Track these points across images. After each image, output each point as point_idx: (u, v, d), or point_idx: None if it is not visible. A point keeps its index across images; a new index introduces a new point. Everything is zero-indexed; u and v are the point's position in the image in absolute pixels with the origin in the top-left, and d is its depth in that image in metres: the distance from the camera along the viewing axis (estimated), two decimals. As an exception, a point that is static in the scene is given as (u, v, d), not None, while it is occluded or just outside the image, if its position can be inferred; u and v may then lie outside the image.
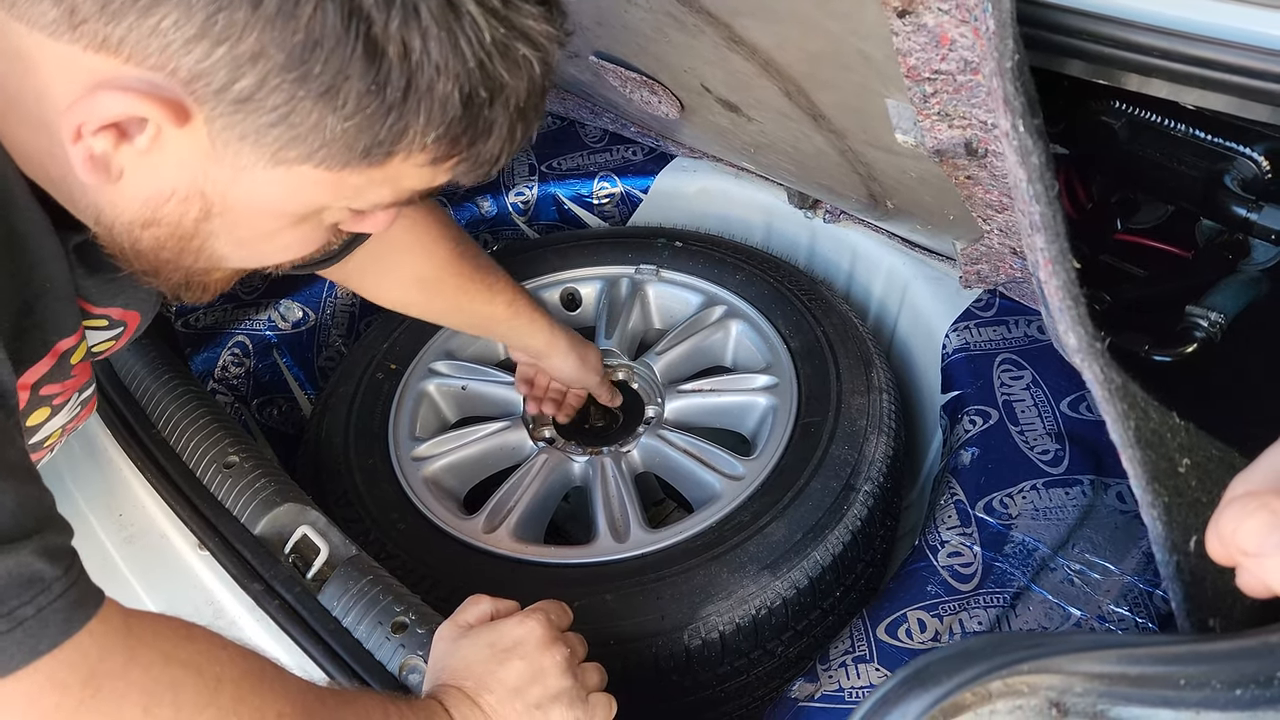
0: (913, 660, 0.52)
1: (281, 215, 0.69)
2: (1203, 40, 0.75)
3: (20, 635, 0.58)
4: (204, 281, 0.78)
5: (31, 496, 0.61)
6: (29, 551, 0.59)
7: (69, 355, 0.78)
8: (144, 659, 0.66)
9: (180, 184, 0.65)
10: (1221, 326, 1.00)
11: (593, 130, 1.95)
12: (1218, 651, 0.50)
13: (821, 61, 0.92)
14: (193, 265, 0.72)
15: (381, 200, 0.70)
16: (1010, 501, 1.20)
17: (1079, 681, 0.50)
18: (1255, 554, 0.44)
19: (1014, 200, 0.85)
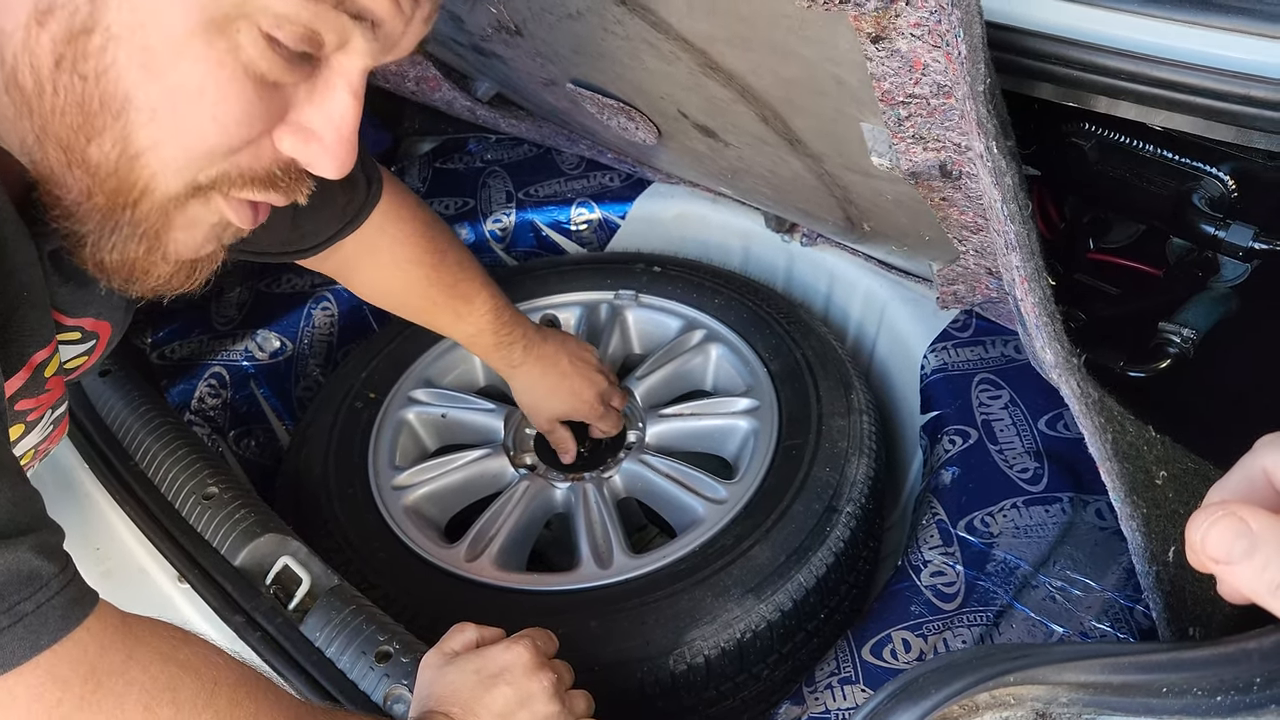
0: (901, 674, 0.52)
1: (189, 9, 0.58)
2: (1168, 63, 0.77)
3: (21, 630, 0.58)
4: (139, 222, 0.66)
5: (25, 495, 0.62)
6: (26, 548, 0.59)
7: (43, 368, 0.77)
8: (143, 657, 0.66)
9: None
10: (1194, 342, 1.02)
11: (569, 157, 1.96)
12: (1197, 659, 0.50)
13: (797, 87, 0.93)
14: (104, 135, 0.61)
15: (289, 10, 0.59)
16: (991, 520, 1.21)
17: (1064, 691, 0.50)
18: (1224, 561, 0.45)
19: (989, 220, 0.87)
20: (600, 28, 1.06)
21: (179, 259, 0.70)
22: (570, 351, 1.44)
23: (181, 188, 0.64)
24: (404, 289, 1.28)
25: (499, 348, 1.36)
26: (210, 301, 1.72)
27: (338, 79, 0.65)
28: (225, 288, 1.74)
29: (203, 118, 0.61)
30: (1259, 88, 0.76)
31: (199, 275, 0.73)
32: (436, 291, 1.28)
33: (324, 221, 1.15)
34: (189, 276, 0.73)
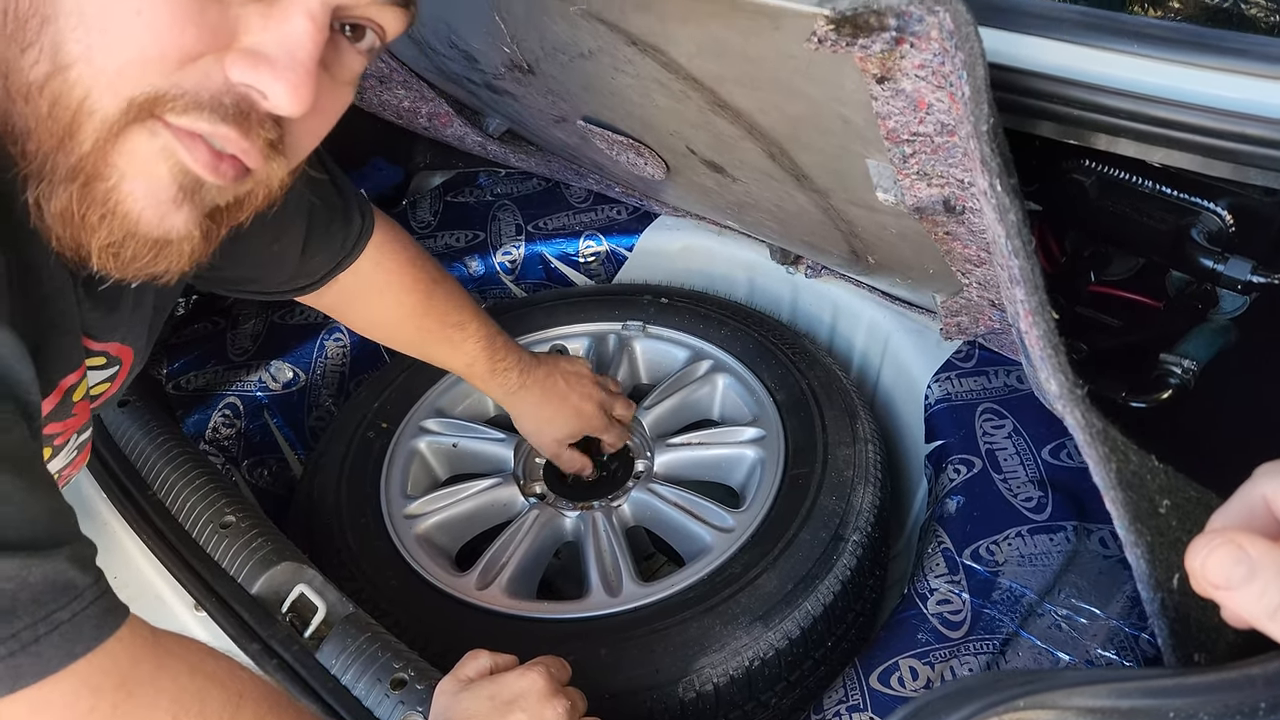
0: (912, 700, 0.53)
1: None
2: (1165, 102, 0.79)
3: (57, 639, 0.59)
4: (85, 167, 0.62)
5: (62, 509, 0.63)
6: (63, 559, 0.60)
7: (71, 393, 0.79)
8: (172, 668, 0.67)
9: None
10: (1194, 373, 1.04)
11: (577, 191, 1.99)
12: (1203, 684, 0.52)
13: (803, 124, 0.96)
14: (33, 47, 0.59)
15: None
16: (996, 548, 1.22)
17: (1072, 716, 0.52)
18: (1223, 586, 0.47)
19: (993, 255, 0.89)
20: (611, 67, 1.09)
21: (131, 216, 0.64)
22: (563, 370, 1.45)
23: (117, 107, 0.60)
24: (398, 320, 1.31)
25: (494, 375, 1.38)
26: (225, 333, 1.74)
27: (294, 4, 0.62)
28: (240, 319, 1.77)
29: (131, 18, 0.58)
30: (1254, 126, 0.78)
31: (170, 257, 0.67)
32: (430, 321, 1.31)
33: (325, 258, 1.18)
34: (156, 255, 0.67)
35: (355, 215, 1.18)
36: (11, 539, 0.57)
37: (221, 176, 0.65)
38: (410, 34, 1.40)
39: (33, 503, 0.59)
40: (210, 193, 0.67)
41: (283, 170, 0.70)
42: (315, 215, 1.12)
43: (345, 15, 0.67)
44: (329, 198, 1.14)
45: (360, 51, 0.71)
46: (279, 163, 0.69)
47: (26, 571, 0.57)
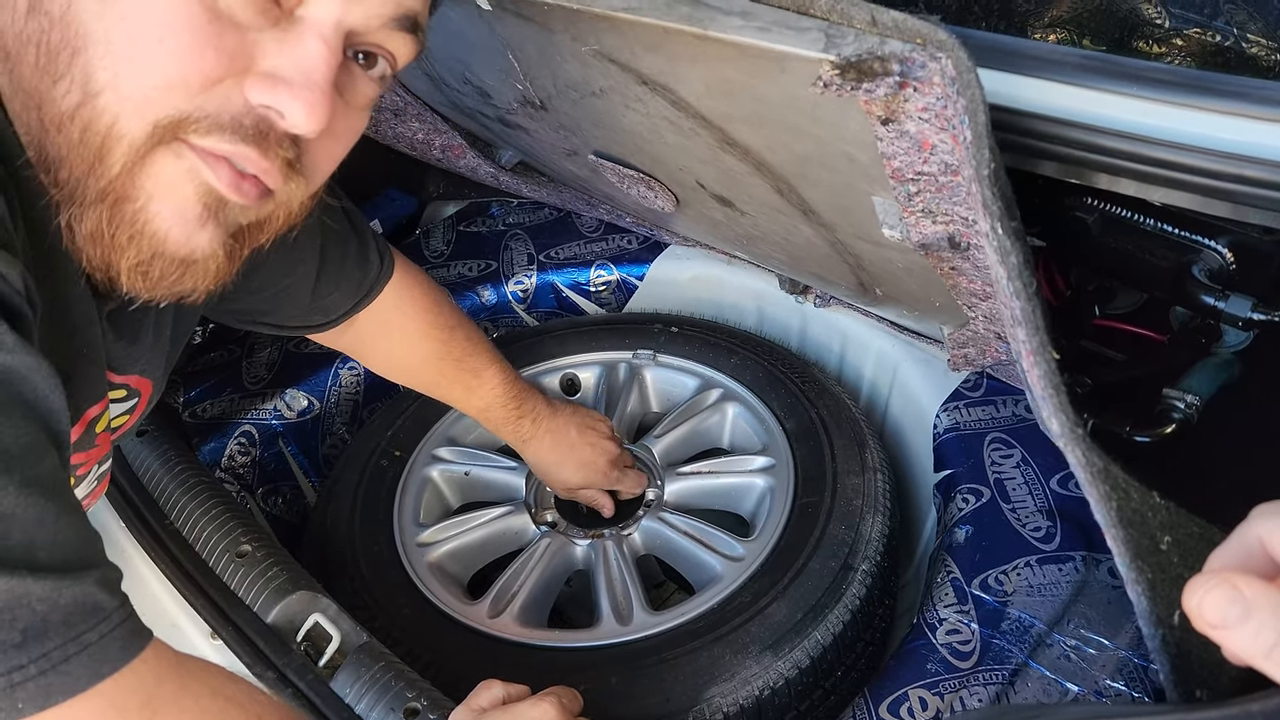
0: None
1: None
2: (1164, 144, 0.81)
3: (85, 659, 0.61)
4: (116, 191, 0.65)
5: (90, 533, 0.65)
6: (92, 582, 0.62)
7: (95, 424, 0.81)
8: (194, 690, 0.69)
9: None
10: (1197, 408, 1.05)
11: (589, 221, 2.02)
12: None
13: (810, 163, 0.98)
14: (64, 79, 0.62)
15: None
16: (1005, 578, 1.22)
17: (1074, 751, 0.53)
18: (1219, 626, 0.48)
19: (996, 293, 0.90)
20: (622, 104, 1.11)
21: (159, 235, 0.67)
22: (579, 422, 1.46)
23: (144, 130, 0.63)
24: (416, 363, 1.33)
25: (508, 422, 1.40)
26: (241, 361, 1.77)
27: (308, 29, 0.66)
28: (256, 348, 1.79)
29: (155, 45, 0.61)
30: (1252, 168, 0.80)
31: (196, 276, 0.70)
32: (447, 365, 1.33)
33: (341, 296, 1.20)
34: (182, 273, 0.69)
35: (373, 256, 1.20)
36: (43, 562, 0.59)
37: (244, 196, 0.68)
38: (425, 70, 1.43)
39: (64, 527, 0.61)
40: (234, 212, 0.69)
41: (302, 192, 0.73)
42: (328, 250, 1.14)
43: (357, 42, 0.70)
44: (342, 234, 1.16)
45: (372, 78, 0.74)
46: (298, 183, 0.71)
47: (58, 594, 0.59)
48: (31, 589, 0.58)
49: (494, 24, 1.10)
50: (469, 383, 1.35)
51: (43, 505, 0.59)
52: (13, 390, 0.59)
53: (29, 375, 0.60)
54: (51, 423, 0.62)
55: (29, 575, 0.58)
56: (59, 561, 0.60)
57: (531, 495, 1.52)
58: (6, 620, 0.57)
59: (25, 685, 0.58)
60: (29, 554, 0.58)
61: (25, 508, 0.58)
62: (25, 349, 0.59)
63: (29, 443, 0.60)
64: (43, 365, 0.61)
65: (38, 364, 0.60)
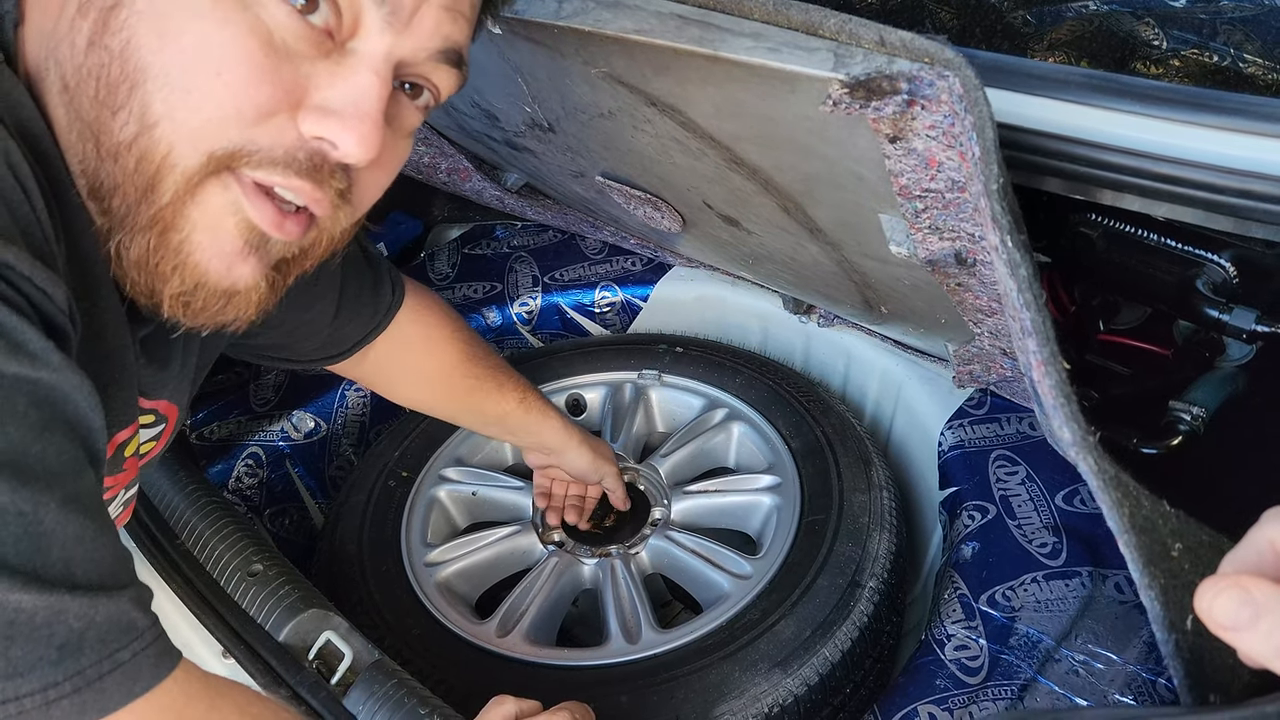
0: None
1: None
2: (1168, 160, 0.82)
3: (119, 677, 0.62)
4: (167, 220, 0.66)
5: (124, 553, 0.66)
6: (126, 600, 0.63)
7: (124, 448, 0.82)
8: (223, 709, 0.70)
9: None
10: (1203, 420, 1.06)
11: (593, 243, 2.03)
12: (1218, 721, 0.53)
13: (818, 181, 0.99)
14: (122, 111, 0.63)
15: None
16: (1013, 594, 1.23)
17: (1092, 754, 0.53)
18: (1230, 629, 0.48)
19: (1004, 307, 0.92)
20: (630, 126, 1.13)
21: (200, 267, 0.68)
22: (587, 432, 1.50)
23: (198, 161, 0.64)
24: (443, 371, 1.33)
25: (545, 419, 1.41)
26: (249, 384, 1.78)
27: (359, 61, 0.68)
28: (262, 370, 1.80)
29: (212, 78, 0.63)
30: (1254, 183, 0.81)
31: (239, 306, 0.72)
32: (476, 367, 1.34)
33: (355, 328, 1.21)
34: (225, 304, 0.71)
35: (385, 286, 1.21)
36: (80, 579, 0.60)
37: (287, 234, 0.70)
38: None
39: (100, 546, 0.62)
40: (276, 247, 0.71)
41: (348, 220, 0.75)
42: (347, 284, 1.15)
43: (405, 73, 0.72)
44: (359, 266, 1.18)
45: (417, 108, 0.77)
46: (346, 212, 0.74)
47: (94, 611, 0.60)
48: (69, 606, 0.59)
49: (504, 49, 1.12)
50: (500, 380, 1.35)
51: (81, 523, 0.60)
52: (56, 409, 0.60)
53: (72, 394, 0.61)
54: (90, 442, 0.63)
55: (66, 593, 0.58)
56: (95, 579, 0.61)
57: (539, 515, 1.52)
58: (44, 636, 0.57)
59: (60, 703, 0.58)
60: (67, 571, 0.59)
61: (65, 525, 0.59)
62: (70, 368, 0.60)
63: (69, 461, 0.60)
64: (85, 384, 0.62)
65: (80, 383, 0.61)
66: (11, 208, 0.60)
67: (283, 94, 0.65)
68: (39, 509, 0.57)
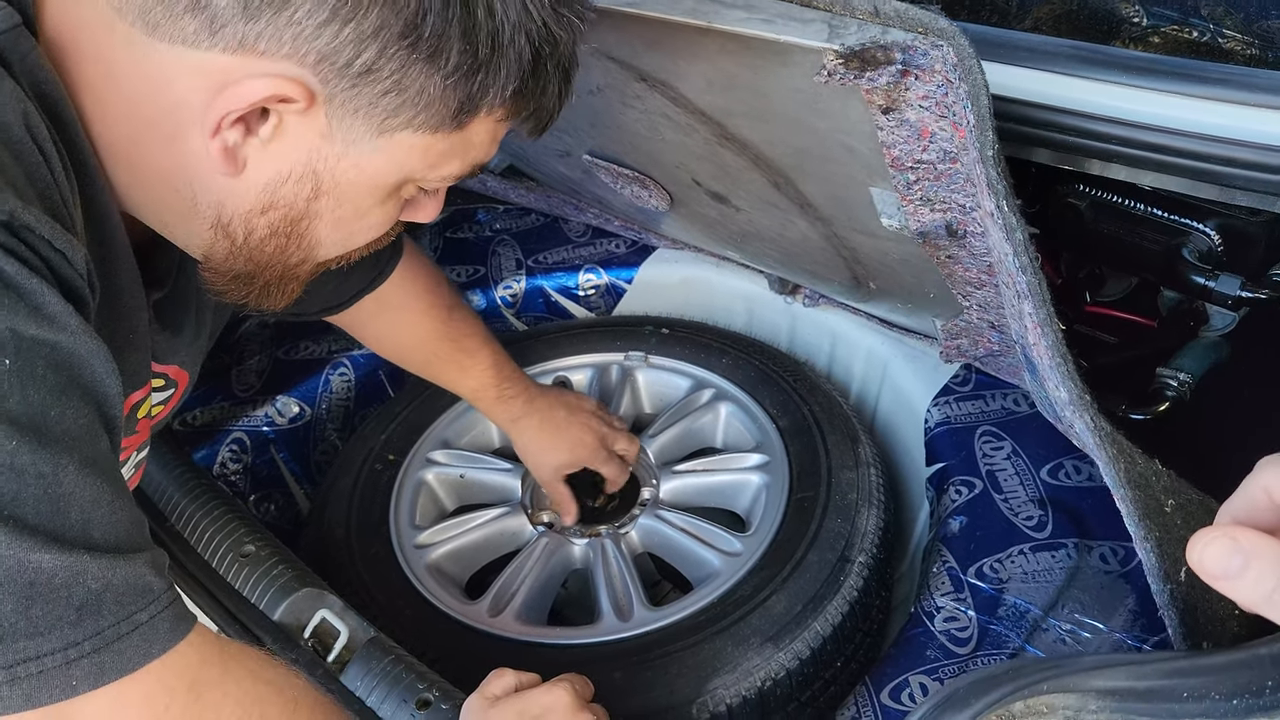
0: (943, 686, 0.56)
1: (377, 188, 0.77)
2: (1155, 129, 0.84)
3: (137, 639, 0.62)
4: (289, 279, 0.83)
5: (139, 517, 0.66)
6: (143, 563, 0.64)
7: (137, 409, 0.84)
8: (236, 672, 0.70)
9: (297, 165, 0.72)
10: (1190, 386, 1.08)
11: (576, 225, 2.03)
12: (1215, 665, 0.55)
13: (809, 155, 1.00)
14: (291, 257, 0.79)
15: (452, 171, 0.79)
16: (1000, 566, 1.25)
17: (1093, 699, 0.54)
18: (1221, 578, 0.50)
19: (999, 273, 0.93)
20: (619, 103, 1.13)
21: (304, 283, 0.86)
22: (566, 403, 1.49)
23: (329, 261, 0.84)
24: (414, 341, 1.35)
25: (500, 401, 1.42)
26: (231, 369, 1.76)
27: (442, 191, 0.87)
28: (245, 355, 1.79)
29: (367, 237, 0.83)
30: (1238, 150, 0.83)
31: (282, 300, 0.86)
32: (444, 345, 1.35)
33: (358, 278, 1.22)
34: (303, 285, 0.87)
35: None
36: (98, 541, 0.60)
37: None
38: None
39: (118, 509, 0.62)
40: None
41: None
42: None
43: None
44: None
45: None
46: None
47: (112, 573, 0.60)
48: (88, 567, 0.59)
49: (493, 25, 1.12)
50: (463, 362, 1.37)
51: (98, 486, 0.61)
52: (74, 373, 0.60)
53: (89, 359, 0.61)
54: (106, 407, 0.64)
55: (85, 554, 0.59)
56: (112, 542, 0.61)
57: (528, 496, 1.52)
58: (63, 598, 0.58)
59: (80, 662, 0.59)
60: (85, 533, 0.60)
61: (83, 487, 0.59)
62: (87, 333, 0.61)
63: (86, 424, 0.61)
64: (101, 349, 0.62)
65: (98, 348, 0.62)
66: (30, 171, 0.62)
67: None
68: (58, 471, 0.58)
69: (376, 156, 0.73)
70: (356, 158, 0.73)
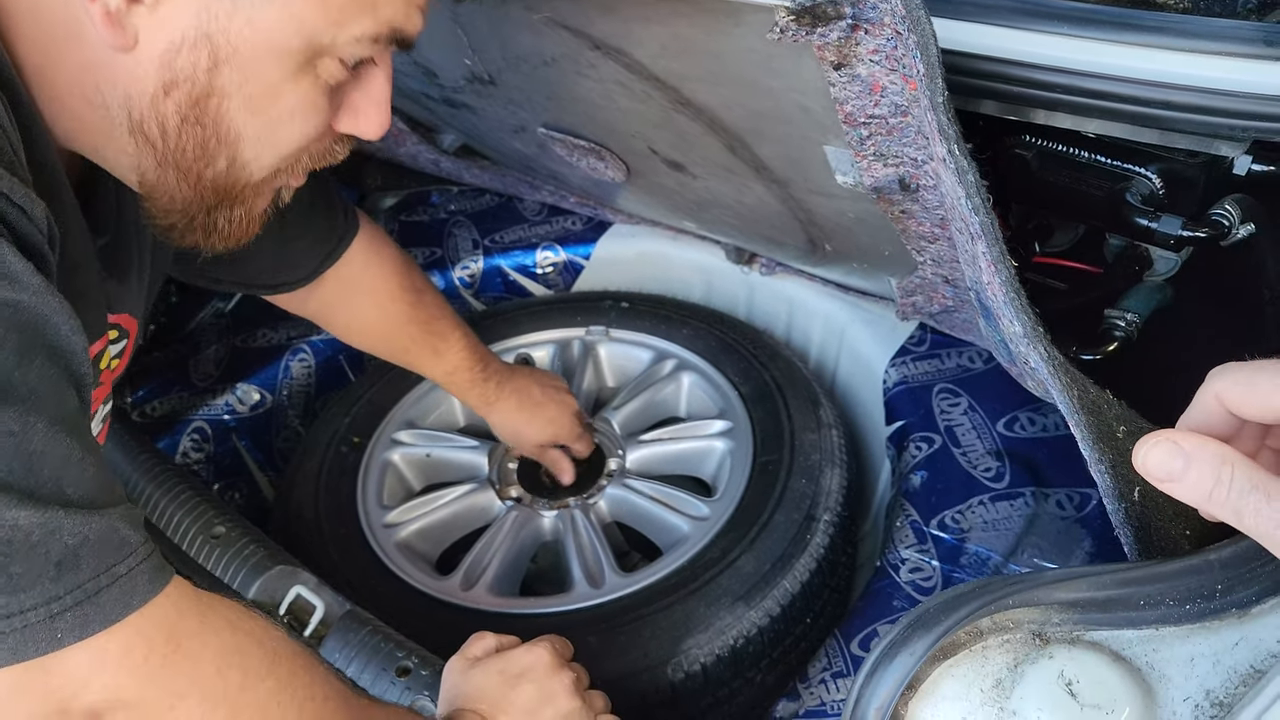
0: (914, 608, 0.58)
1: (282, 54, 0.72)
2: (1096, 76, 0.87)
3: (116, 591, 0.62)
4: (228, 198, 0.79)
5: (109, 475, 0.66)
6: (117, 517, 0.64)
7: (98, 360, 0.83)
8: (214, 624, 0.70)
9: (189, 30, 0.69)
10: (1137, 326, 1.12)
11: (531, 204, 2.03)
12: (1168, 572, 0.57)
13: (764, 117, 1.02)
14: (217, 158, 0.76)
15: (364, 30, 0.73)
16: (961, 517, 1.28)
17: (1056, 612, 0.57)
18: (1165, 480, 0.53)
19: (951, 224, 0.95)
20: (574, 73, 1.14)
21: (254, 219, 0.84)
22: (539, 381, 1.50)
23: (266, 175, 0.79)
24: (384, 327, 1.34)
25: (474, 384, 1.42)
26: (188, 359, 1.75)
27: (377, 70, 0.80)
28: (202, 345, 1.77)
29: (294, 132, 0.77)
30: (1176, 94, 0.86)
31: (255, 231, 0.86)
32: (415, 329, 1.34)
33: (309, 244, 1.20)
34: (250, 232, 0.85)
35: (338, 212, 1.21)
36: (73, 497, 0.60)
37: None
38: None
39: (88, 465, 0.62)
40: None
41: None
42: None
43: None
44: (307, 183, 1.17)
45: None
46: None
47: (87, 527, 0.60)
48: (63, 522, 0.59)
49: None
50: (436, 346, 1.36)
51: (68, 444, 0.61)
52: (37, 332, 0.60)
53: (52, 317, 0.61)
54: (73, 365, 0.64)
55: (60, 509, 0.59)
56: (86, 498, 0.61)
57: (495, 472, 1.53)
58: (41, 554, 0.58)
59: (64, 615, 0.59)
60: (59, 489, 0.60)
61: (53, 445, 0.60)
62: (49, 291, 0.61)
63: (53, 383, 0.61)
64: (64, 307, 0.62)
65: (60, 305, 0.62)
66: None
67: (332, 115, 0.79)
68: (27, 429, 0.58)
69: (269, 9, 0.69)
70: (249, 11, 0.69)
